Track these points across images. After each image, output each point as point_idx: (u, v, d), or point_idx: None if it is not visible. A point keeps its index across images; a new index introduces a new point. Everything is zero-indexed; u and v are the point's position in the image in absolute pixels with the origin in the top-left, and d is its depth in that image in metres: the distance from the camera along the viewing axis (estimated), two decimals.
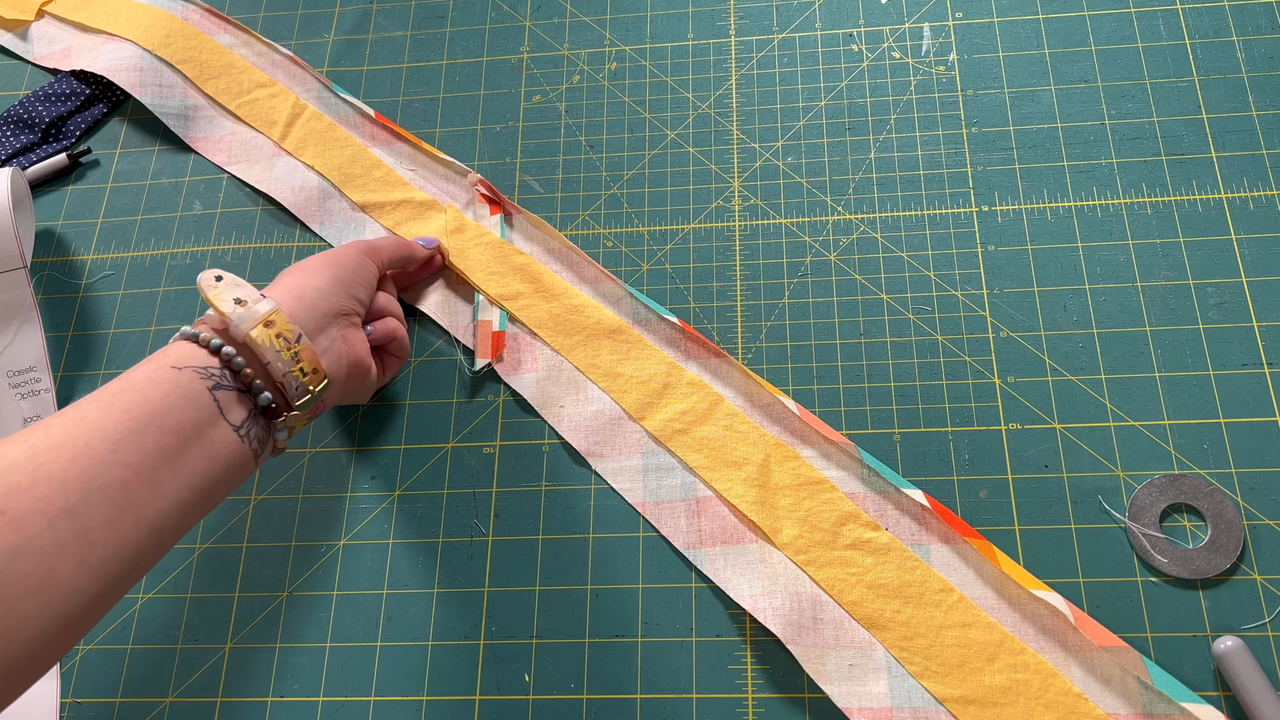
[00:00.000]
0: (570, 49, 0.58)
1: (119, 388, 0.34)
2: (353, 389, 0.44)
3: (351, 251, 0.45)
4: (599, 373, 0.48)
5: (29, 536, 0.28)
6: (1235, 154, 0.49)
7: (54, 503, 0.29)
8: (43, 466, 0.30)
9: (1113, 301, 0.46)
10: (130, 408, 0.33)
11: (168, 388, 0.34)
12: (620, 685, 0.43)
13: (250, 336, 0.37)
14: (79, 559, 0.29)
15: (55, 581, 0.29)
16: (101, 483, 0.31)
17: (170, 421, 0.33)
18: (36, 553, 0.28)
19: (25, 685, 0.29)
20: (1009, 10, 0.54)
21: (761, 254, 0.50)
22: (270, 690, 0.45)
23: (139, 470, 0.32)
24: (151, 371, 0.35)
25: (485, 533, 0.46)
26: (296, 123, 0.58)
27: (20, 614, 0.28)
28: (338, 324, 0.42)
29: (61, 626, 0.29)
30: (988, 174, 0.50)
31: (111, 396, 0.33)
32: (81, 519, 0.30)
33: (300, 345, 0.38)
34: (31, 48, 0.63)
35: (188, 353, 0.36)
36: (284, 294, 0.41)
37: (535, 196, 0.54)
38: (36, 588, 0.28)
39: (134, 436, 0.32)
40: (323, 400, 0.40)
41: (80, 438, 0.31)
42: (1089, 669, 0.39)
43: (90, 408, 0.33)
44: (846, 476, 0.44)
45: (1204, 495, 0.42)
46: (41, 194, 0.59)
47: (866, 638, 0.41)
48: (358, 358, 0.43)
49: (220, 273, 0.39)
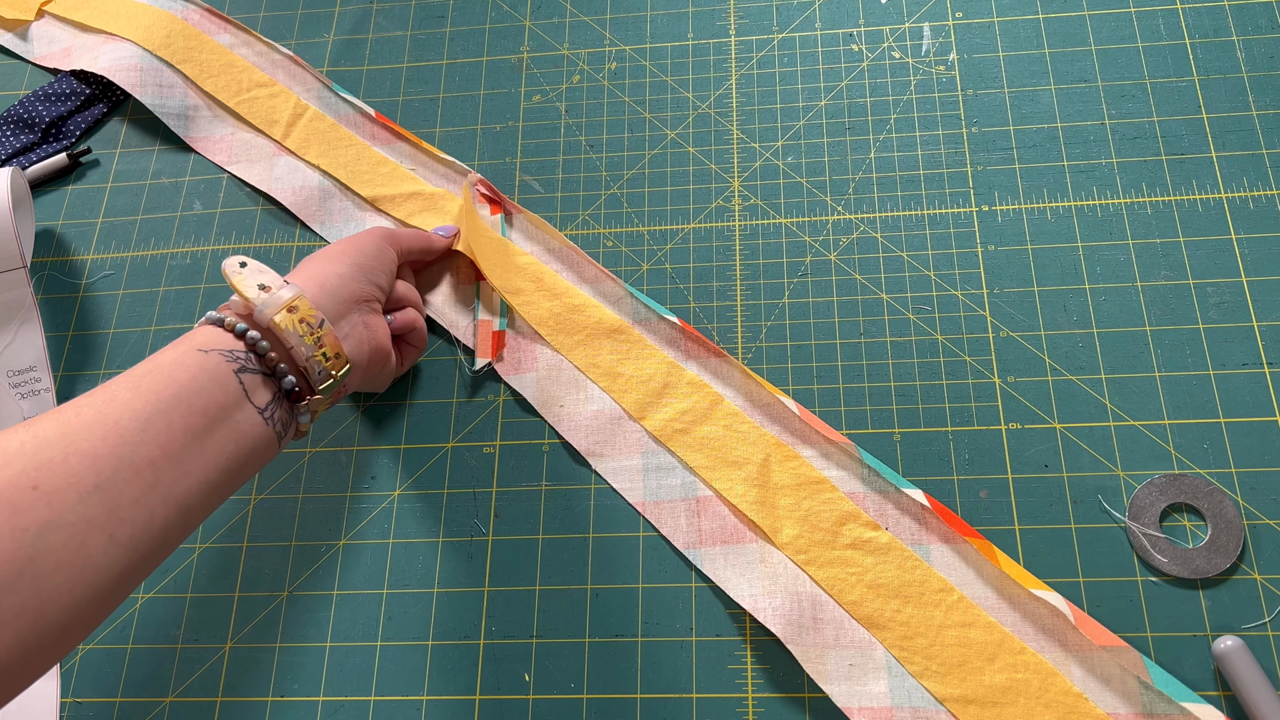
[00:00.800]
0: (570, 49, 0.58)
1: (146, 369, 0.34)
2: (373, 375, 0.44)
3: (372, 239, 0.46)
4: (599, 372, 0.48)
5: (60, 511, 0.29)
6: (1235, 154, 0.49)
7: (85, 479, 0.30)
8: (74, 444, 0.30)
9: (1113, 301, 0.46)
10: (158, 389, 0.33)
11: (194, 370, 0.35)
12: (620, 685, 0.43)
13: (274, 321, 0.37)
14: (109, 534, 0.30)
15: (86, 556, 0.29)
16: (131, 460, 0.31)
17: (197, 403, 0.34)
18: (68, 527, 0.29)
19: (54, 659, 0.29)
20: (1009, 10, 0.54)
21: (761, 254, 0.50)
22: (270, 690, 0.45)
23: (167, 449, 0.32)
24: (179, 354, 0.35)
25: (485, 533, 0.46)
26: (299, 122, 0.58)
27: (52, 587, 0.28)
28: (359, 310, 0.42)
29: (91, 600, 0.30)
30: (988, 174, 0.50)
31: (140, 377, 0.34)
32: (111, 495, 0.30)
33: (323, 330, 0.39)
34: (31, 48, 0.63)
35: (213, 337, 0.37)
36: (307, 280, 0.41)
37: (535, 196, 0.54)
38: (68, 561, 0.29)
39: (162, 416, 0.33)
40: (344, 385, 0.41)
41: (110, 416, 0.32)
42: (1089, 669, 0.39)
43: (120, 388, 0.33)
44: (846, 476, 0.44)
45: (1204, 495, 0.42)
46: (41, 194, 0.59)
47: (866, 637, 0.41)
48: (379, 343, 0.43)
49: (245, 259, 0.40)
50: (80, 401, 0.32)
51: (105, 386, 0.33)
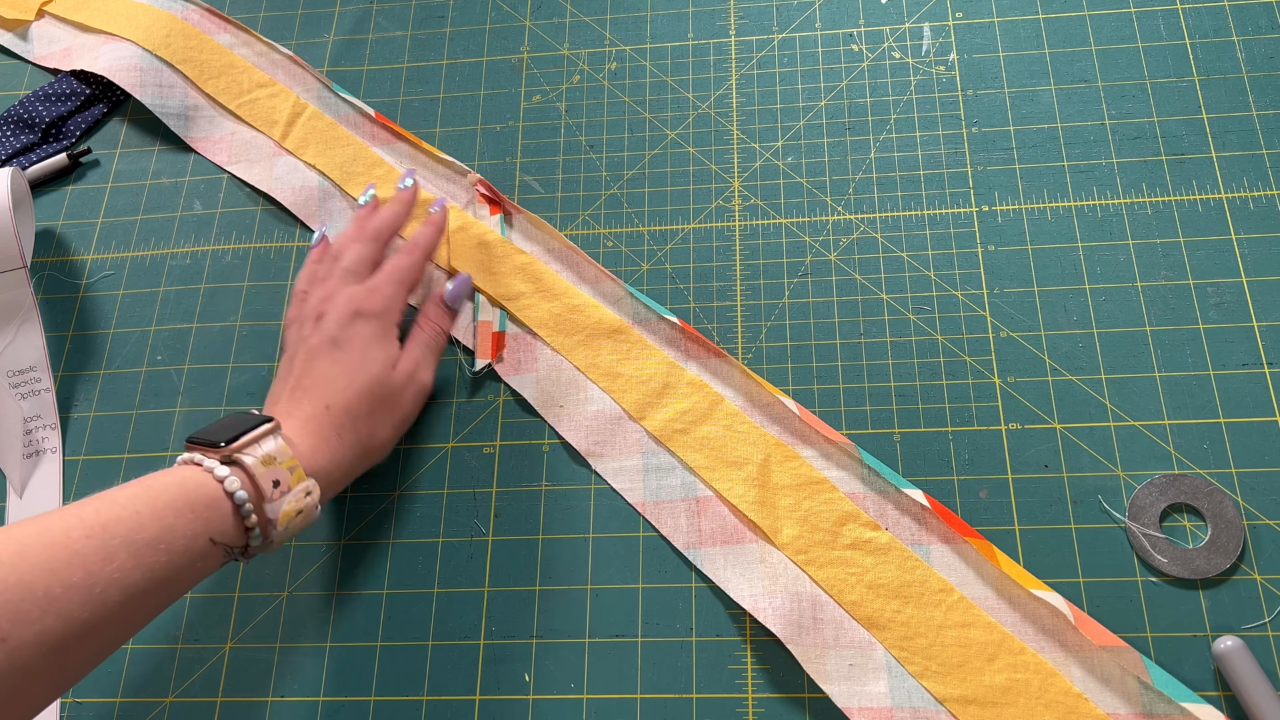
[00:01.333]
0: (570, 49, 0.58)
1: (152, 555, 0.34)
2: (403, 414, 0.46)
3: (394, 383, 0.45)
4: (599, 372, 0.48)
5: None
6: (1235, 154, 0.49)
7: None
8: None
9: (1113, 301, 0.46)
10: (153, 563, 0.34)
11: (202, 557, 0.36)
12: (620, 685, 0.43)
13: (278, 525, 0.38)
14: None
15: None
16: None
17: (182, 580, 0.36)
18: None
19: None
20: (1009, 10, 0.54)
21: (761, 254, 0.50)
22: (270, 690, 0.45)
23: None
24: (192, 545, 0.35)
25: (485, 533, 0.46)
26: (297, 122, 0.58)
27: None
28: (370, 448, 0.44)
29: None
30: (988, 174, 0.50)
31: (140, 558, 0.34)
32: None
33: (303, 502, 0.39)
34: (31, 48, 0.63)
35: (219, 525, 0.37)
36: (315, 461, 0.41)
37: (535, 196, 0.54)
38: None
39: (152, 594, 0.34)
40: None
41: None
42: (1089, 669, 0.39)
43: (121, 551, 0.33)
44: (846, 476, 0.44)
45: (1204, 495, 0.42)
46: (41, 194, 0.59)
47: (866, 637, 0.41)
48: (406, 418, 0.47)
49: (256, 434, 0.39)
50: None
51: (106, 543, 0.33)
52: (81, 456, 0.51)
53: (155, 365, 0.53)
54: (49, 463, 0.51)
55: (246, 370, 0.52)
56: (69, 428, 0.52)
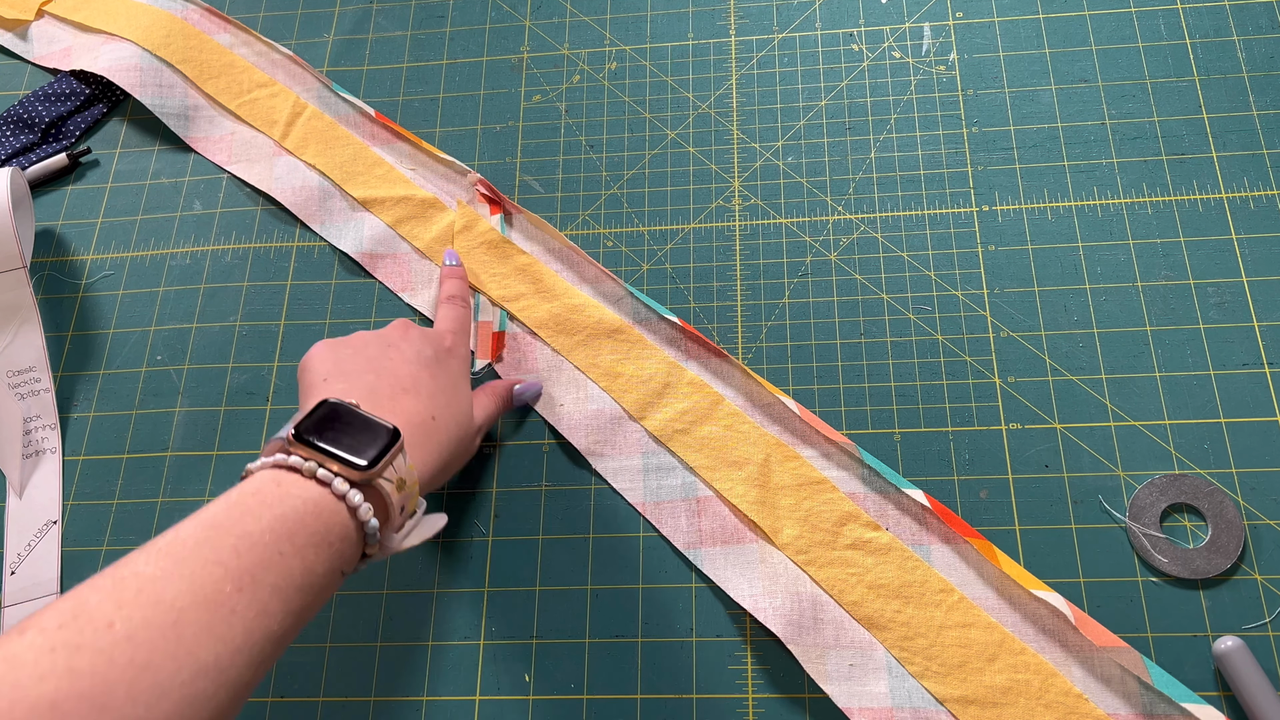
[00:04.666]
0: (570, 49, 0.58)
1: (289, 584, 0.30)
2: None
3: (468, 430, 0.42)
4: (599, 372, 0.48)
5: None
6: (1235, 154, 0.48)
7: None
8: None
9: (1113, 301, 0.46)
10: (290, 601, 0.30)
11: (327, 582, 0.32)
12: (620, 685, 0.43)
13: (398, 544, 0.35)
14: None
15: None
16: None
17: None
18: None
19: None
20: (1009, 10, 0.54)
21: (761, 254, 0.50)
22: (270, 690, 0.45)
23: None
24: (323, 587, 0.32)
25: (485, 533, 0.46)
26: (297, 122, 0.58)
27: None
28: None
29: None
30: (988, 174, 0.50)
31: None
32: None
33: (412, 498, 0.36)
34: (31, 48, 0.63)
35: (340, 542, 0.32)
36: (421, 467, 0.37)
37: (535, 196, 0.54)
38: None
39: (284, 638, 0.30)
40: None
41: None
42: (1089, 669, 0.39)
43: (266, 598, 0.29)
44: (847, 476, 0.44)
45: (1204, 495, 0.42)
46: (41, 194, 0.59)
47: (867, 638, 0.41)
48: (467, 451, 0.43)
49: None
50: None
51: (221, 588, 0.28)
52: (81, 456, 0.51)
53: (155, 365, 0.53)
54: (49, 463, 0.51)
55: (246, 370, 0.52)
56: (69, 428, 0.52)
